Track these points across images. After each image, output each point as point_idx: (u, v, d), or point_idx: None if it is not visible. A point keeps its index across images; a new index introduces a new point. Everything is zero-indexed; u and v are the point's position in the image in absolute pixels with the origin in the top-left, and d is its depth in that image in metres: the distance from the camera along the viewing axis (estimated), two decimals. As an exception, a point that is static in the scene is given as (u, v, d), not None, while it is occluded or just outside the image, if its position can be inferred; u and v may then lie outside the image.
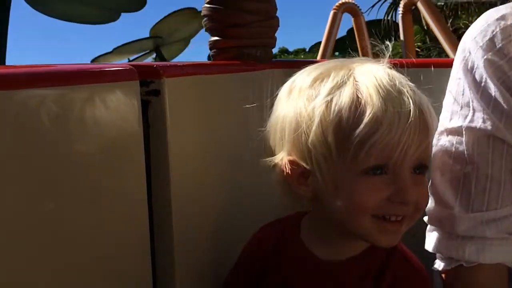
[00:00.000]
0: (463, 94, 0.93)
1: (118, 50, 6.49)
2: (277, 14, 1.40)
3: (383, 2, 12.22)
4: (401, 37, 4.20)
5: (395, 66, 0.88)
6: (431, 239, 0.98)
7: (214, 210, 1.11)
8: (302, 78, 0.88)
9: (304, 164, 0.85)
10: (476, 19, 0.93)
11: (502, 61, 0.88)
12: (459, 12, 10.64)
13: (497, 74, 0.89)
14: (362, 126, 0.78)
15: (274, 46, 1.45)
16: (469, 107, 0.91)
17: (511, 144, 0.90)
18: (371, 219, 0.82)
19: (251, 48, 1.35)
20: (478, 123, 0.90)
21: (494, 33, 0.90)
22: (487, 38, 0.90)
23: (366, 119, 0.78)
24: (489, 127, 0.89)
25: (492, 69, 0.89)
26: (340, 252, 0.91)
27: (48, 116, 0.70)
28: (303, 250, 0.93)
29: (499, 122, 0.89)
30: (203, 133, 1.07)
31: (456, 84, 0.94)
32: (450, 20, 9.65)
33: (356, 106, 0.79)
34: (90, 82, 0.79)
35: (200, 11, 1.35)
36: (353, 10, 4.25)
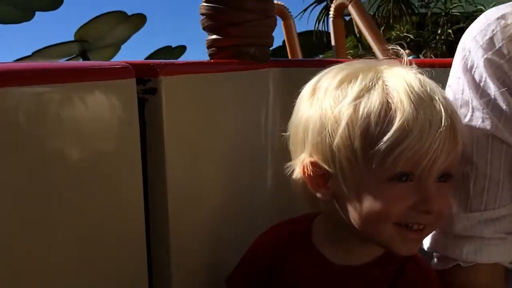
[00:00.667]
0: (462, 93, 0.92)
1: (39, 53, 6.16)
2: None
3: (315, 7, 11.99)
4: (332, 42, 4.13)
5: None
6: (428, 238, 0.97)
7: (211, 209, 1.11)
8: (328, 78, 0.86)
9: (326, 167, 0.83)
10: (408, 29, 0.92)
11: (502, 61, 0.88)
12: (391, 21, 10.58)
13: (497, 73, 0.88)
14: (391, 132, 0.76)
15: (272, 45, 1.44)
16: (468, 106, 0.91)
17: (510, 144, 0.89)
18: (393, 227, 0.81)
19: (249, 47, 1.34)
20: (478, 122, 0.90)
21: (495, 32, 0.89)
22: (487, 37, 0.90)
23: (396, 125, 0.76)
24: (488, 127, 0.89)
25: (492, 69, 0.89)
26: (354, 257, 0.90)
27: (45, 114, 0.69)
28: (315, 253, 0.91)
29: (499, 122, 0.89)
30: (200, 131, 1.07)
31: (456, 83, 0.94)
32: (382, 29, 9.61)
33: (386, 111, 0.78)
34: (87, 80, 0.78)
35: (131, 15, 1.33)
36: (283, 13, 4.16)
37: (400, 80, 0.81)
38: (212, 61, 1.32)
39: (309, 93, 0.88)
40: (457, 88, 0.94)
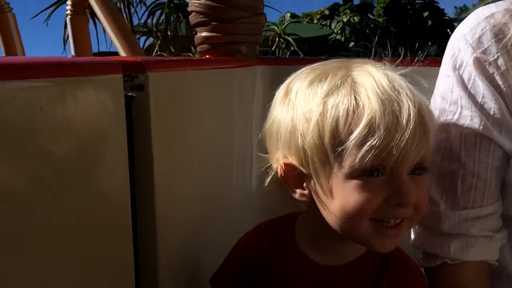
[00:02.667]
0: (451, 92, 0.93)
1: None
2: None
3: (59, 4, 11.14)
4: (71, 43, 3.57)
5: (396, 66, 0.86)
6: (415, 236, 0.98)
7: (197, 205, 1.11)
8: (300, 79, 0.87)
9: (300, 167, 0.83)
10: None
11: (491, 60, 0.89)
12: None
13: (486, 72, 0.89)
14: (359, 129, 0.77)
15: (260, 42, 1.44)
16: (457, 104, 0.91)
17: (498, 143, 0.90)
18: (369, 223, 0.81)
19: (238, 44, 1.34)
20: (466, 120, 0.90)
21: (484, 31, 0.90)
22: (477, 36, 0.90)
23: (363, 122, 0.77)
24: (477, 125, 0.89)
25: (481, 67, 0.89)
26: (337, 256, 0.90)
27: (30, 108, 0.68)
28: (298, 253, 0.92)
29: (487, 120, 0.89)
30: (187, 128, 1.06)
31: (445, 82, 0.94)
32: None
33: (354, 108, 0.78)
34: (73, 75, 0.77)
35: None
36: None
37: (368, 77, 0.81)
38: (200, 58, 1.32)
39: (282, 95, 0.89)
40: (445, 86, 0.94)
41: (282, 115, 0.86)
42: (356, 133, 0.77)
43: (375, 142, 0.76)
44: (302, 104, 0.83)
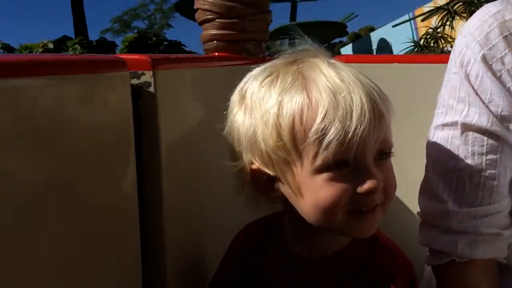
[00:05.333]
0: (459, 89, 0.92)
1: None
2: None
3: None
4: None
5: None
6: (423, 234, 0.97)
7: (205, 203, 1.10)
8: (253, 82, 0.86)
9: (267, 171, 0.83)
10: None
11: (499, 56, 0.88)
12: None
13: (494, 69, 0.88)
14: (315, 125, 0.77)
15: (267, 40, 1.44)
16: (465, 102, 0.91)
17: (506, 140, 0.89)
18: (345, 215, 0.81)
19: (245, 42, 1.34)
20: (474, 118, 0.90)
21: (492, 28, 0.89)
22: (484, 33, 0.89)
23: (318, 117, 0.77)
24: (485, 122, 0.89)
25: (488, 64, 0.88)
26: (321, 249, 0.90)
27: (37, 106, 0.68)
28: (285, 248, 0.92)
29: (495, 118, 0.89)
30: (194, 126, 1.06)
31: (452, 79, 0.94)
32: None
33: (308, 105, 0.78)
34: (80, 73, 0.77)
35: None
36: None
37: (317, 72, 0.81)
38: (207, 55, 1.31)
39: (238, 99, 0.88)
40: (453, 83, 0.93)
41: (241, 120, 0.85)
42: (313, 129, 0.77)
43: (332, 136, 0.76)
44: (258, 108, 0.83)
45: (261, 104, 0.82)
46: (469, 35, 0.91)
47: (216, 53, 1.31)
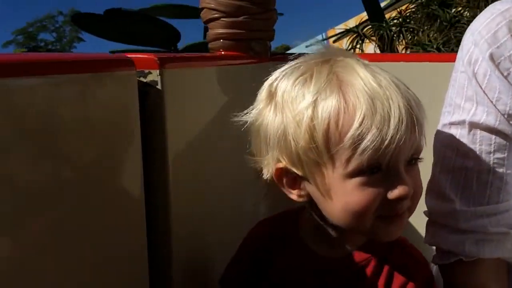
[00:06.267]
0: (466, 88, 0.92)
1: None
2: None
3: None
4: None
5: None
6: (430, 233, 0.97)
7: (212, 203, 1.10)
8: (284, 79, 0.85)
9: (295, 170, 0.83)
10: None
11: (507, 55, 0.88)
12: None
13: (502, 67, 0.88)
14: (352, 130, 0.76)
15: (272, 39, 1.44)
16: (473, 100, 0.91)
17: None
18: (373, 219, 0.81)
19: (251, 41, 1.34)
20: (482, 117, 0.90)
21: (500, 26, 0.89)
22: (492, 31, 0.89)
23: (356, 122, 0.76)
24: (492, 121, 0.89)
25: (496, 63, 0.88)
26: (339, 248, 0.90)
27: (45, 105, 0.68)
28: (302, 246, 0.92)
29: (503, 116, 0.88)
30: (201, 125, 1.06)
31: (460, 77, 0.93)
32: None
33: (344, 109, 0.78)
34: (87, 72, 0.77)
35: None
36: None
37: (353, 75, 0.80)
38: (213, 54, 1.31)
39: (266, 97, 0.87)
40: (460, 82, 0.93)
41: (270, 118, 0.84)
42: (349, 135, 0.76)
43: (369, 142, 0.76)
44: (290, 107, 0.81)
45: (294, 104, 0.81)
46: (477, 34, 0.91)
47: (223, 52, 1.31)
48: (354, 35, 4.34)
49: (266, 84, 0.88)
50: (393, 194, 0.79)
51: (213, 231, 1.11)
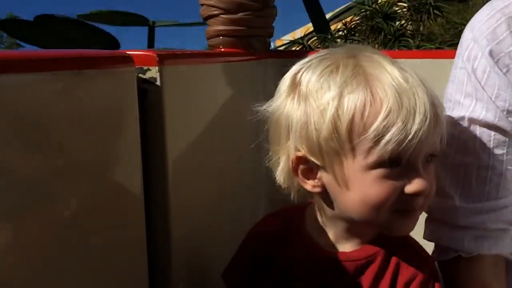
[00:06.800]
0: (466, 84, 0.92)
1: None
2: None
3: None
4: None
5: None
6: (429, 229, 0.97)
7: (211, 200, 1.10)
8: (309, 70, 0.86)
9: (314, 160, 0.83)
10: None
11: (506, 51, 0.88)
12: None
13: (501, 64, 0.88)
14: (377, 122, 0.78)
15: (272, 35, 1.43)
16: (472, 96, 0.91)
17: None
18: (389, 213, 0.82)
19: (249, 37, 1.34)
20: (481, 113, 0.90)
21: (499, 22, 0.89)
22: (492, 27, 0.89)
23: (382, 115, 0.78)
24: (492, 117, 0.89)
25: (496, 59, 0.88)
26: (346, 243, 0.91)
27: (44, 101, 0.68)
28: (309, 241, 0.92)
29: (502, 113, 0.88)
30: (200, 121, 1.06)
31: (459, 74, 0.93)
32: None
33: (371, 102, 0.79)
34: (86, 68, 0.77)
35: None
36: None
37: (380, 70, 0.82)
38: (213, 51, 1.31)
39: (289, 86, 0.87)
40: (460, 78, 0.93)
41: (292, 107, 0.85)
42: (374, 126, 0.78)
43: (393, 135, 0.77)
44: (314, 97, 0.82)
45: (319, 94, 0.82)
46: (476, 30, 0.91)
47: (222, 49, 1.31)
48: (300, 46, 4.37)
49: (289, 75, 0.89)
50: (411, 188, 0.80)
51: (212, 229, 1.11)
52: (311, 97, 0.83)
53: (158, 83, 0.91)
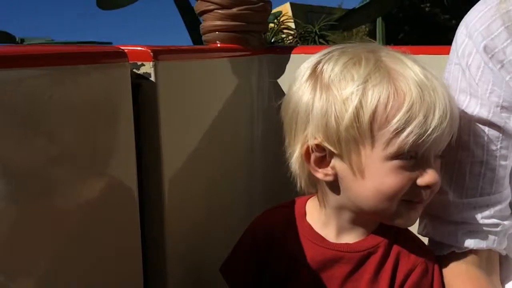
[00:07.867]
0: (460, 80, 0.92)
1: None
2: None
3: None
4: None
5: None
6: (423, 224, 0.97)
7: (206, 197, 1.10)
8: (331, 61, 0.88)
9: (331, 148, 0.85)
10: None
11: (501, 47, 0.88)
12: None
13: (495, 60, 0.88)
14: (400, 115, 0.80)
15: (267, 31, 1.43)
16: (466, 92, 0.91)
17: (507, 131, 0.89)
18: (399, 203, 0.85)
19: (244, 32, 1.33)
20: (475, 108, 0.90)
21: (494, 18, 0.89)
22: (486, 23, 0.89)
23: (404, 108, 0.80)
24: (486, 113, 0.89)
25: (490, 55, 0.88)
26: (349, 234, 0.92)
27: (38, 96, 0.68)
28: (311, 233, 0.93)
29: (496, 108, 0.88)
30: (194, 116, 1.06)
31: (454, 69, 0.93)
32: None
33: (394, 95, 0.81)
34: (81, 64, 0.77)
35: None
36: None
37: (402, 65, 0.85)
38: (207, 46, 1.31)
39: (309, 76, 0.89)
40: (454, 74, 0.93)
41: (313, 96, 0.86)
42: (397, 118, 0.80)
43: (414, 128, 0.80)
44: (337, 86, 0.84)
45: (342, 83, 0.84)
46: (471, 26, 0.91)
47: (218, 44, 1.30)
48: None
49: (307, 65, 0.91)
50: (424, 180, 0.84)
51: (207, 226, 1.11)
52: (333, 87, 0.85)
53: (152, 78, 0.90)
